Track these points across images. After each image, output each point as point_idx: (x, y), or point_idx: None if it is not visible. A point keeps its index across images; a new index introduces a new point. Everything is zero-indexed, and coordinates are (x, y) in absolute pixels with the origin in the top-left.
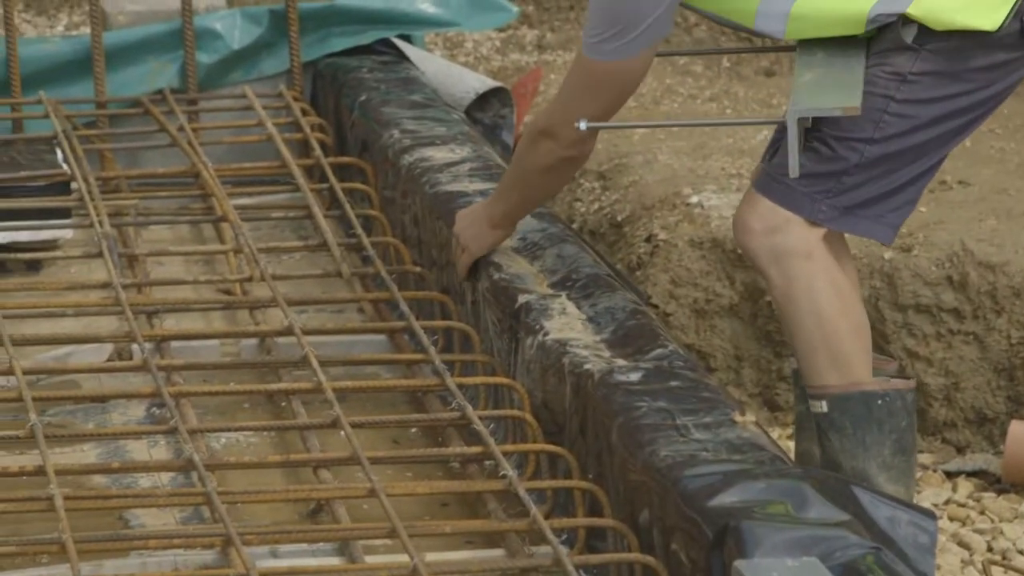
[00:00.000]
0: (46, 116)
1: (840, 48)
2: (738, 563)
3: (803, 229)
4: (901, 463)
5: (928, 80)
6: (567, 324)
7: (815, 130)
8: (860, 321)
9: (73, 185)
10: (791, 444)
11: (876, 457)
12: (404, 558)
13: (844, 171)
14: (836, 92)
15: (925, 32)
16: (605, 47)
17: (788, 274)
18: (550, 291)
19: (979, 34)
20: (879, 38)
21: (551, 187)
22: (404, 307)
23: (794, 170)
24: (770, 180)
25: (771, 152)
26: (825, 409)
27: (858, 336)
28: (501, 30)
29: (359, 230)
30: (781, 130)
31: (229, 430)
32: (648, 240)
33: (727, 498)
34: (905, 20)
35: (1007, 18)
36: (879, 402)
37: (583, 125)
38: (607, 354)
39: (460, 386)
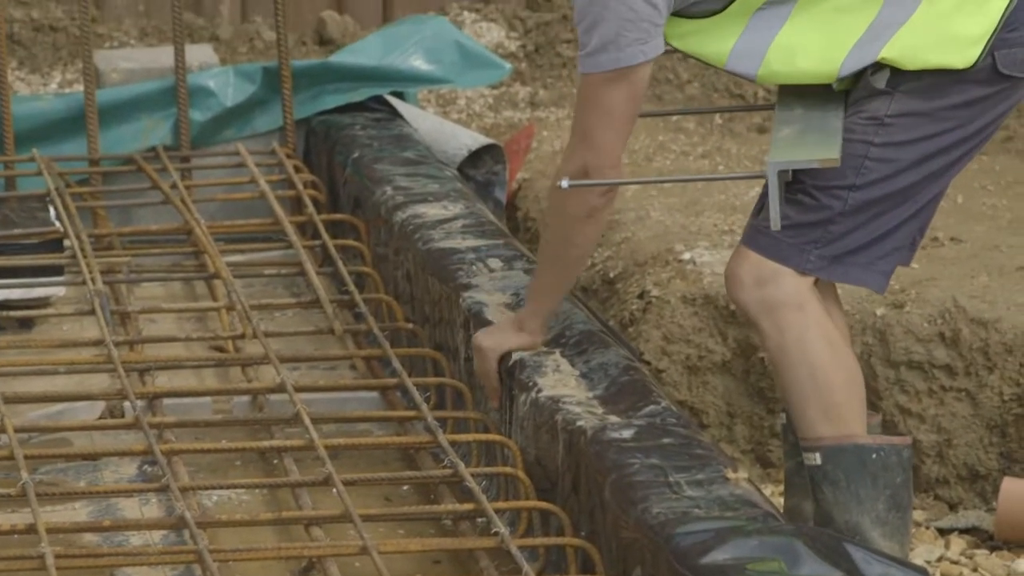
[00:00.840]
0: (39, 174)
1: (818, 100)
2: None
3: (794, 280)
4: (895, 519)
5: (905, 122)
6: (560, 381)
7: (797, 181)
8: (853, 373)
9: (66, 242)
10: (784, 500)
11: (870, 512)
12: None
13: (830, 220)
14: (814, 144)
15: (897, 73)
16: (602, 57)
17: (780, 326)
18: (544, 348)
19: (951, 72)
20: (855, 86)
21: (590, 241)
22: (396, 364)
23: (776, 222)
24: (757, 233)
25: (758, 206)
26: (819, 461)
27: (851, 388)
28: (494, 87)
29: (352, 287)
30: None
31: (221, 487)
32: (641, 296)
33: (720, 555)
34: (877, 66)
35: (980, 56)
36: (873, 456)
37: (565, 183)
38: (600, 411)
39: (453, 443)
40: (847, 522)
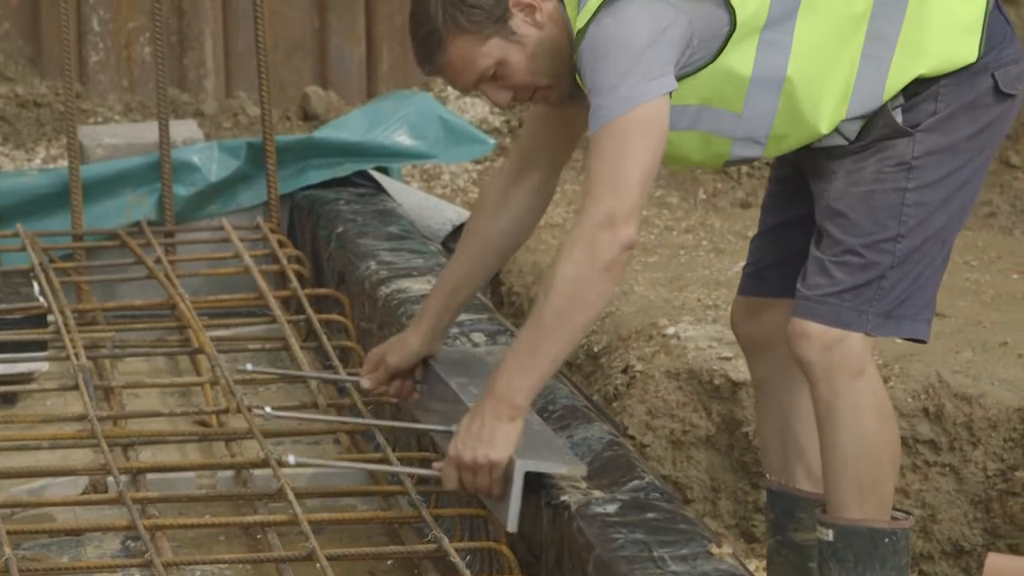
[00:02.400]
0: (23, 249)
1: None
2: None
3: (858, 344)
4: None
5: (931, 161)
6: None
7: (837, 243)
8: (896, 451)
9: (49, 318)
10: None
11: None
12: None
13: (881, 275)
14: (555, 453)
15: (911, 103)
16: (623, 96)
17: (836, 389)
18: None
19: (964, 93)
20: (867, 129)
21: (603, 300)
22: (380, 439)
23: (513, 524)
24: (812, 304)
25: (803, 272)
26: (831, 538)
27: (890, 464)
28: (478, 162)
29: (336, 362)
30: (760, 250)
31: (205, 563)
32: (625, 371)
33: None
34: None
35: (980, 44)
36: (886, 540)
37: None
38: (584, 485)
39: (436, 517)
40: None
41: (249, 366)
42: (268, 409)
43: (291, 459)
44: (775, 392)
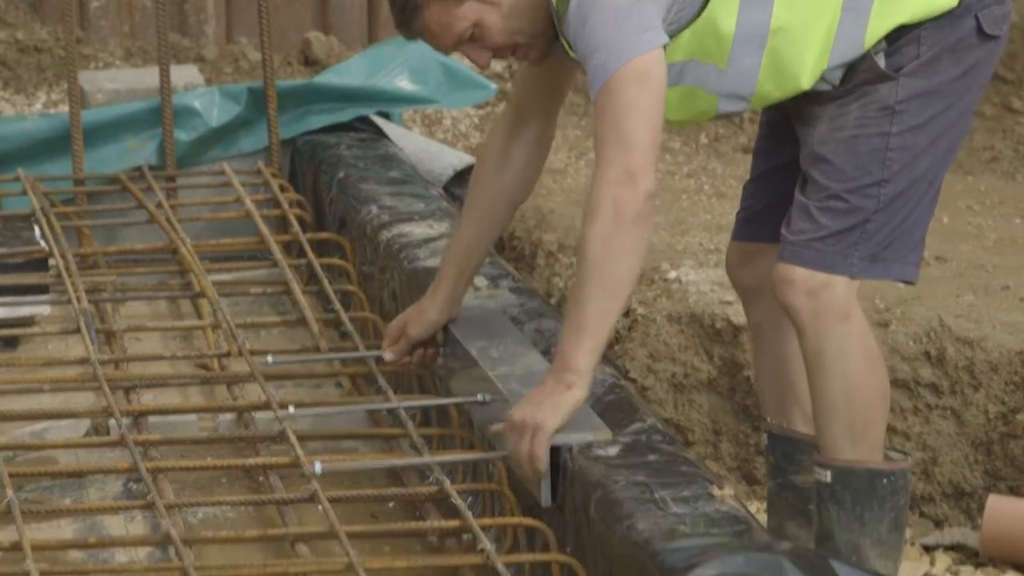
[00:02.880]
0: (24, 193)
1: None
2: None
3: (843, 288)
4: (894, 539)
5: (915, 105)
6: None
7: (822, 188)
8: (883, 391)
9: (51, 262)
10: (767, 520)
11: (872, 533)
12: None
13: (866, 220)
14: (582, 423)
15: (894, 46)
16: (616, 51)
17: (823, 333)
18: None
19: (945, 36)
20: (850, 74)
21: (641, 252)
22: (382, 382)
23: (546, 499)
24: (797, 248)
25: (787, 217)
26: (828, 480)
27: (880, 405)
28: (479, 107)
29: (337, 306)
30: (753, 196)
31: (206, 505)
32: (626, 315)
33: (705, 572)
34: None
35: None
36: (884, 481)
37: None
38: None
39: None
40: (847, 542)
41: (270, 359)
42: (293, 409)
43: (317, 467)
44: (770, 337)
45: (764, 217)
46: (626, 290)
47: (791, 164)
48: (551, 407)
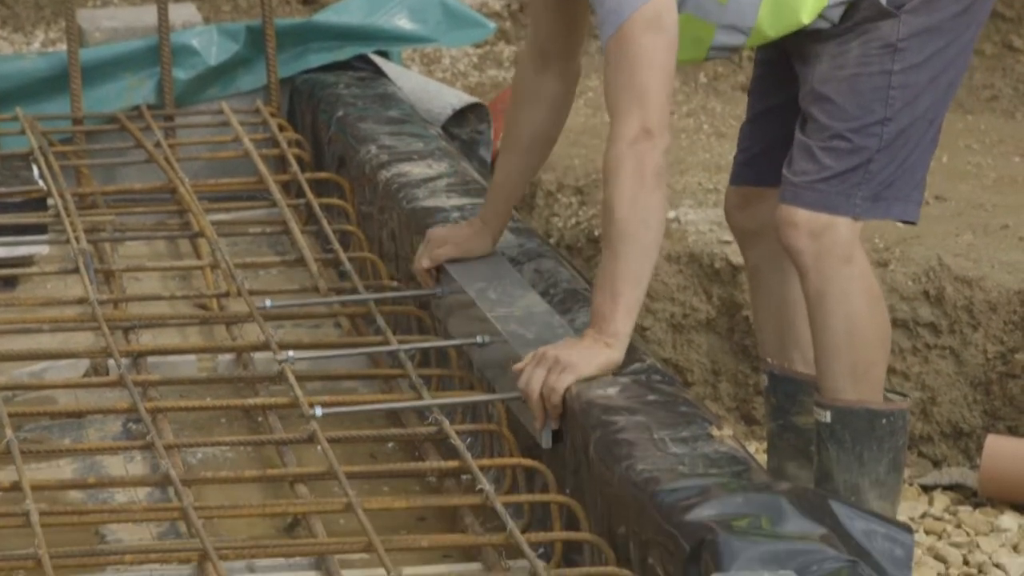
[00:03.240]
0: (22, 132)
1: None
2: None
3: (846, 230)
4: (892, 480)
5: (917, 42)
6: None
7: (824, 128)
8: (885, 333)
9: (49, 201)
10: (767, 461)
11: (871, 473)
12: (381, 572)
13: (869, 160)
14: None
15: None
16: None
17: (825, 275)
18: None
19: None
20: (851, 11)
21: (663, 206)
22: (381, 322)
23: (547, 441)
24: (800, 190)
25: (789, 158)
26: (828, 420)
27: (881, 348)
28: (478, 46)
29: (336, 245)
30: (750, 138)
31: (206, 445)
32: None
33: (704, 512)
34: None
35: None
36: (883, 421)
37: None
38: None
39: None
40: (846, 482)
41: (268, 302)
42: (293, 353)
43: (318, 411)
44: (770, 280)
45: (762, 160)
46: (656, 248)
47: (788, 104)
48: (588, 356)
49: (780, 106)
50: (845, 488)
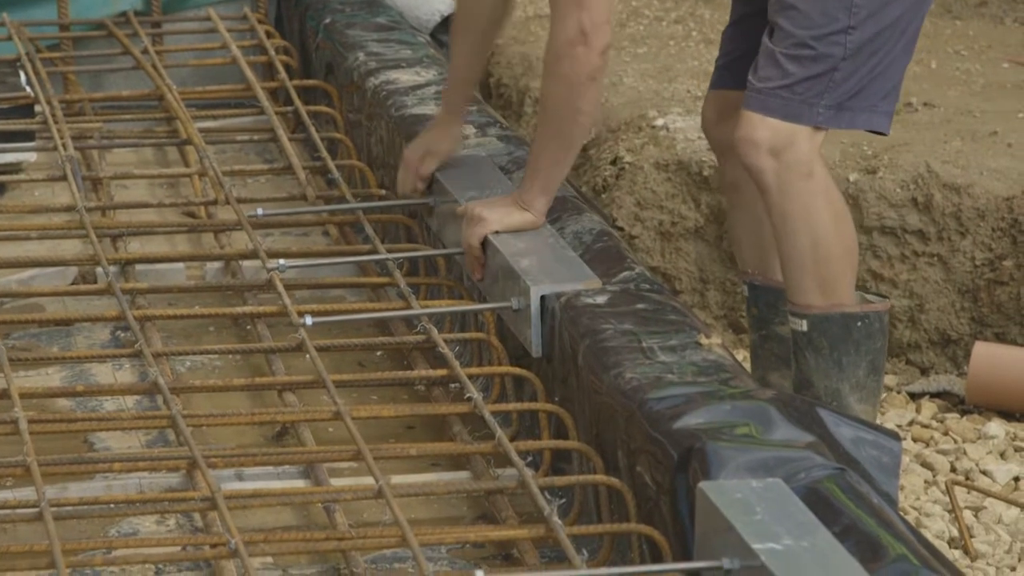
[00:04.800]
0: (9, 39)
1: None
2: (702, 484)
3: (807, 143)
4: (872, 383)
5: None
6: None
7: (789, 35)
8: (851, 244)
9: (37, 108)
10: (750, 371)
11: (851, 378)
12: (369, 480)
13: (833, 68)
14: (567, 272)
15: None
16: None
17: (787, 192)
18: None
19: None
20: None
21: (594, 105)
22: (370, 230)
23: (536, 349)
24: (763, 96)
25: (754, 65)
26: (804, 328)
27: (848, 259)
28: None
29: (324, 153)
30: (732, 40)
31: (194, 353)
32: (613, 163)
33: (692, 420)
34: None
35: None
36: (859, 324)
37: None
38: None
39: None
40: (826, 388)
41: (260, 211)
42: (283, 262)
43: (308, 320)
44: (747, 193)
45: (741, 64)
46: (579, 141)
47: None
48: (502, 212)
49: (763, 10)
50: (826, 394)
